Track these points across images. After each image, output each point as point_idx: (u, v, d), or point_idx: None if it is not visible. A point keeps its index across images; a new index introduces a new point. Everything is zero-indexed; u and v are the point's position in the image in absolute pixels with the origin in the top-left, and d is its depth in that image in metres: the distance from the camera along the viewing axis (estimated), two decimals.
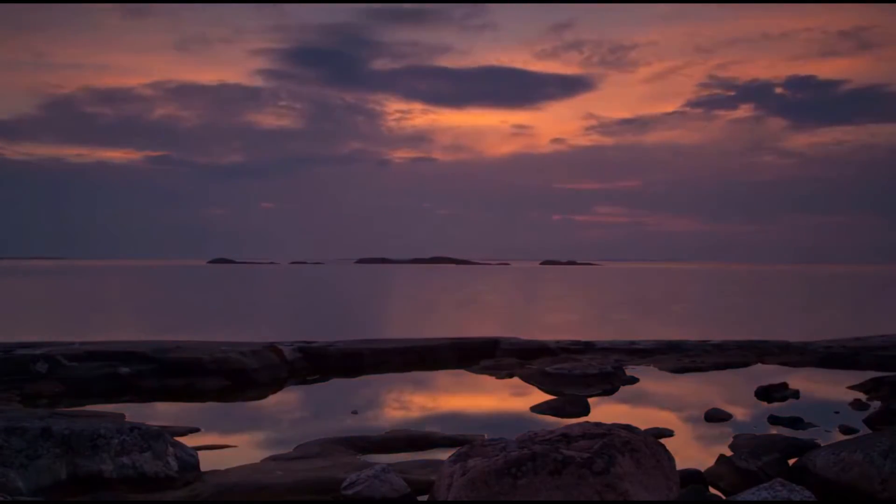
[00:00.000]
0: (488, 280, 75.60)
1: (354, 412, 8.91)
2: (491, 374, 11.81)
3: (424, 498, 5.16)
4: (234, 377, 10.76)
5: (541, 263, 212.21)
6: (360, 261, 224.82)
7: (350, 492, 5.18)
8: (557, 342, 14.05)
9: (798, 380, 10.76)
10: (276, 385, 10.93)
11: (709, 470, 6.05)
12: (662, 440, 6.30)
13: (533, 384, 10.79)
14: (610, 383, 10.63)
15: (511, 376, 11.54)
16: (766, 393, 9.93)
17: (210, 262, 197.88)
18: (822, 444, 6.52)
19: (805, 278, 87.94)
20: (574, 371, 10.78)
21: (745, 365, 12.77)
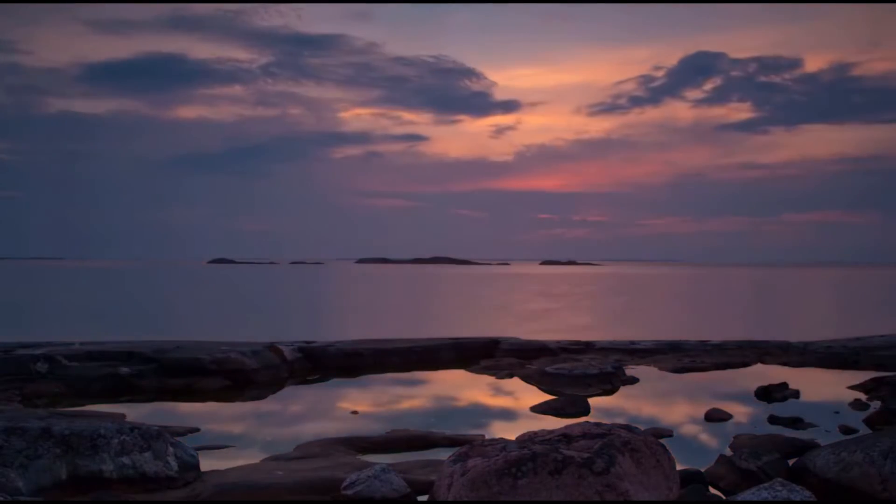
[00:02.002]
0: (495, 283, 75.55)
1: (354, 412, 8.91)
2: (491, 374, 11.81)
3: (424, 498, 5.16)
4: (234, 377, 10.76)
5: (540, 263, 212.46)
6: (361, 260, 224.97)
7: (350, 492, 5.18)
8: (557, 342, 14.06)
9: (798, 380, 10.76)
10: (276, 385, 10.93)
11: (709, 470, 6.05)
12: (662, 440, 6.29)
13: (533, 384, 10.80)
14: (610, 383, 10.63)
15: (511, 376, 11.54)
16: (766, 393, 9.93)
17: (210, 262, 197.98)
18: (822, 444, 6.52)
19: (803, 279, 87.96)
20: (574, 371, 10.78)
21: (745, 365, 12.78)
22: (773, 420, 8.34)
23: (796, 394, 10.00)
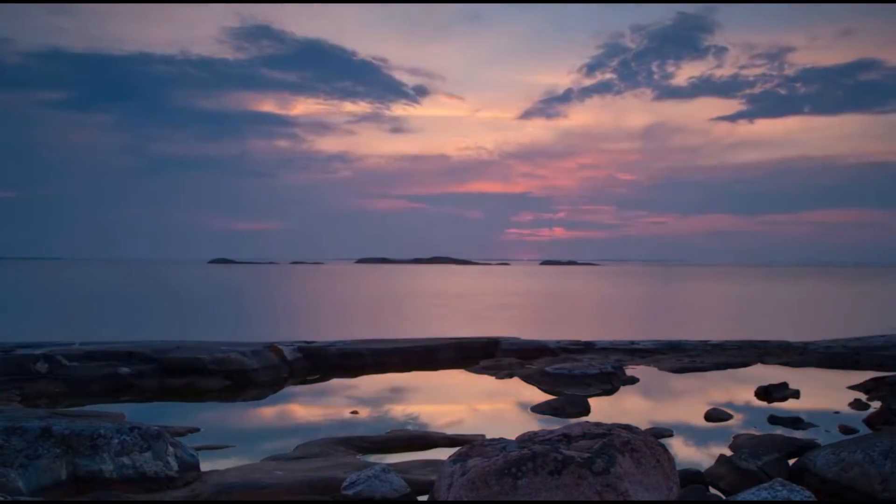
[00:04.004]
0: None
1: (354, 412, 8.91)
2: (491, 374, 11.81)
3: (424, 498, 5.16)
4: (234, 377, 10.77)
5: (541, 263, 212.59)
6: (360, 260, 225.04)
7: (350, 492, 5.18)
8: (557, 342, 14.05)
9: (798, 380, 10.76)
10: (276, 385, 10.94)
11: (709, 470, 6.05)
12: (662, 440, 6.30)
13: (533, 384, 10.80)
14: (610, 383, 10.63)
15: (511, 376, 11.54)
16: (766, 393, 9.94)
17: (210, 262, 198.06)
18: (822, 444, 6.52)
19: (793, 280, 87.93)
20: (574, 371, 10.78)
21: (745, 365, 12.78)
22: (773, 420, 8.34)
23: (796, 394, 10.00)
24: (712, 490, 5.63)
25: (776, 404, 9.47)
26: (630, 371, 11.81)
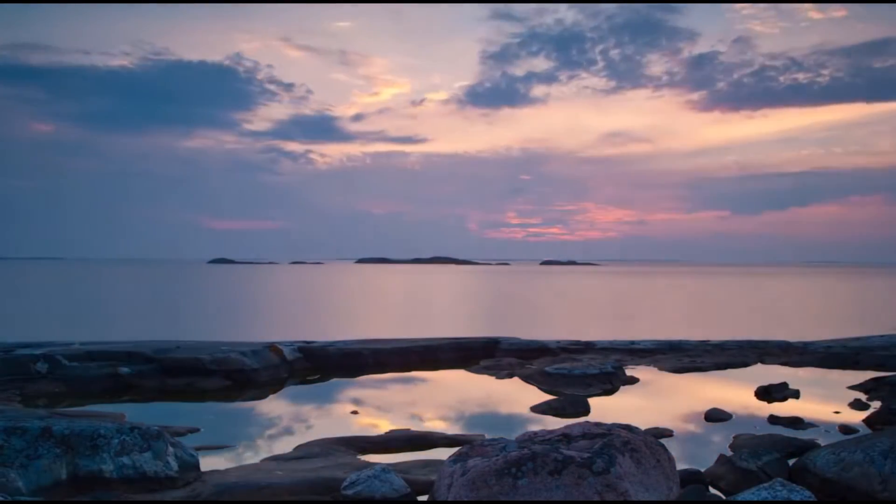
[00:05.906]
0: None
1: (354, 412, 8.91)
2: (491, 374, 11.81)
3: (424, 498, 5.16)
4: (234, 377, 10.77)
5: (541, 263, 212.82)
6: (360, 260, 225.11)
7: (350, 492, 5.18)
8: (557, 342, 14.06)
9: (798, 380, 10.76)
10: (276, 385, 10.94)
11: (709, 470, 6.05)
12: (662, 440, 6.30)
13: (533, 384, 10.80)
14: (610, 383, 10.63)
15: (511, 376, 11.54)
16: (766, 393, 9.94)
17: (210, 262, 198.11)
18: (822, 444, 6.52)
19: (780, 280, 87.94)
20: (574, 371, 10.78)
21: (745, 365, 12.79)
22: (773, 420, 8.34)
23: (796, 394, 10.00)
24: (712, 490, 5.64)
25: (776, 404, 9.47)
26: (630, 371, 11.82)
